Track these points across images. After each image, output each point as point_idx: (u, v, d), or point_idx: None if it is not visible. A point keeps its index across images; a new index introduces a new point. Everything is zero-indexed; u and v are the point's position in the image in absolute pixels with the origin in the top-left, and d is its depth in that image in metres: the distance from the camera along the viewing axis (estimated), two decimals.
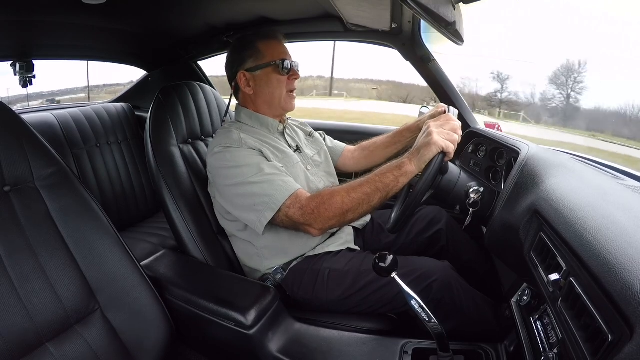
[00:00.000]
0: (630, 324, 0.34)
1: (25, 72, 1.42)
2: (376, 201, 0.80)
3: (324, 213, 0.80)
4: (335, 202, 0.80)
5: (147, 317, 0.76)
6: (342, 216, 0.81)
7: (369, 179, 0.81)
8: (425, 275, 0.81)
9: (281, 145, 1.00)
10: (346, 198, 0.80)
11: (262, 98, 1.00)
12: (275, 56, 0.97)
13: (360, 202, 0.80)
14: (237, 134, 0.92)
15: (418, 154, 0.79)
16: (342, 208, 0.80)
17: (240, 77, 0.99)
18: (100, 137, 1.59)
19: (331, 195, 0.81)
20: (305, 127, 1.20)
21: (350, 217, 0.81)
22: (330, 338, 0.79)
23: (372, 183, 0.80)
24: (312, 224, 0.82)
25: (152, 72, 1.84)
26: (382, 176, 0.80)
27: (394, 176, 0.80)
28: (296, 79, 1.01)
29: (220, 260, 0.99)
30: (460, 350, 0.71)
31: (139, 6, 1.12)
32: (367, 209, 0.81)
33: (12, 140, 0.70)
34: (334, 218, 0.81)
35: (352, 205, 0.80)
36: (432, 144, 0.76)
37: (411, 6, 0.51)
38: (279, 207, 0.83)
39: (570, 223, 0.51)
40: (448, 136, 0.77)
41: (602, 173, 0.85)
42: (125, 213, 1.61)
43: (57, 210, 0.71)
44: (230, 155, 0.89)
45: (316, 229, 0.83)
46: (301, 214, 0.82)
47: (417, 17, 1.05)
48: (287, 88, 1.00)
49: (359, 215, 0.82)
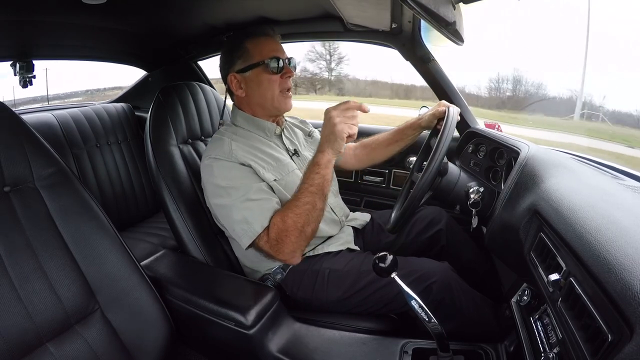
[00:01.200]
0: (630, 324, 0.34)
1: (25, 72, 1.42)
2: (319, 203, 0.82)
3: (285, 239, 0.82)
4: (289, 224, 0.81)
5: (147, 317, 0.76)
6: (301, 233, 0.82)
7: (301, 188, 0.83)
8: (425, 276, 0.81)
9: (277, 152, 0.98)
10: (295, 216, 0.81)
11: (255, 100, 0.97)
12: (265, 54, 0.93)
13: (308, 212, 0.81)
14: (228, 144, 0.91)
15: (327, 142, 0.81)
16: (297, 226, 0.81)
17: (231, 80, 0.97)
18: (100, 137, 1.59)
19: (283, 220, 0.82)
20: (305, 125, 1.18)
21: (310, 230, 0.83)
22: (330, 338, 0.79)
23: (305, 190, 0.82)
24: (279, 253, 0.84)
25: (152, 72, 1.84)
26: (310, 179, 0.82)
27: (317, 174, 0.82)
28: (290, 77, 0.97)
29: (220, 260, 0.99)
30: (460, 350, 0.71)
31: (139, 6, 1.11)
32: (318, 214, 0.83)
33: (12, 140, 0.70)
34: (297, 239, 0.82)
35: (303, 219, 0.81)
36: (337, 131, 0.78)
37: (411, 6, 0.51)
38: (255, 237, 0.84)
39: (570, 223, 0.50)
40: (350, 120, 0.79)
41: (602, 173, 0.84)
42: (125, 213, 1.61)
43: (57, 211, 0.71)
44: (219, 170, 0.88)
45: (286, 257, 0.84)
46: (269, 246, 0.84)
47: (417, 17, 1.05)
48: (280, 87, 0.96)
49: (316, 224, 0.84)
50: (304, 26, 1.29)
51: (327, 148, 0.81)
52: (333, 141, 0.80)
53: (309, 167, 0.84)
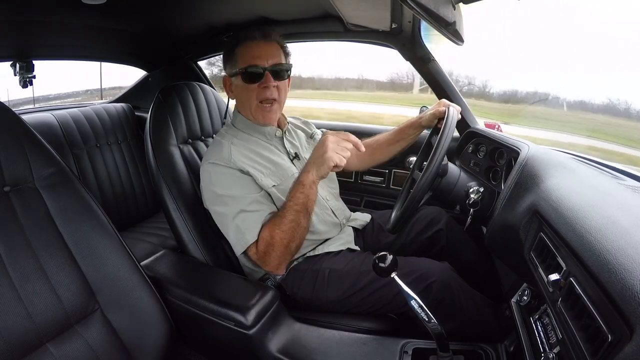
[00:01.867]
0: (630, 324, 0.34)
1: (25, 72, 1.42)
2: (303, 221, 0.84)
3: (272, 253, 0.84)
4: (276, 241, 0.83)
5: (147, 317, 0.76)
6: (286, 249, 0.84)
7: (285, 206, 0.85)
8: (425, 276, 0.81)
9: (276, 156, 0.98)
10: (280, 233, 0.83)
11: (241, 106, 0.99)
12: (246, 61, 0.91)
13: (293, 229, 0.83)
14: (227, 149, 0.91)
15: (314, 164, 0.82)
16: (282, 243, 0.83)
17: (225, 82, 0.99)
18: (100, 137, 1.59)
19: (271, 236, 0.84)
20: (308, 127, 1.18)
21: (294, 246, 0.85)
22: (330, 338, 0.79)
23: (290, 209, 0.83)
24: (266, 265, 0.87)
25: (152, 72, 1.84)
26: (294, 198, 0.83)
27: (301, 193, 0.83)
28: (266, 87, 0.91)
29: (220, 260, 0.99)
30: (460, 350, 0.71)
31: (139, 6, 1.11)
32: (303, 231, 0.85)
33: (12, 140, 0.70)
34: (281, 255, 0.84)
35: (288, 236, 0.83)
36: (326, 158, 0.78)
37: (411, 6, 0.51)
38: (247, 247, 0.86)
39: (570, 223, 0.50)
40: (341, 151, 0.79)
41: (602, 173, 0.84)
42: (125, 213, 1.61)
43: (57, 211, 0.71)
44: (216, 177, 0.89)
45: (273, 269, 0.87)
46: (257, 258, 0.87)
47: (417, 17, 1.05)
48: (258, 98, 0.93)
49: (300, 240, 0.86)
50: (303, 26, 1.29)
51: (312, 169, 0.82)
52: (319, 165, 0.81)
53: (294, 184, 0.85)
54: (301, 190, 0.83)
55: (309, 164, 0.84)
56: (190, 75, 1.75)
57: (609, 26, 3.19)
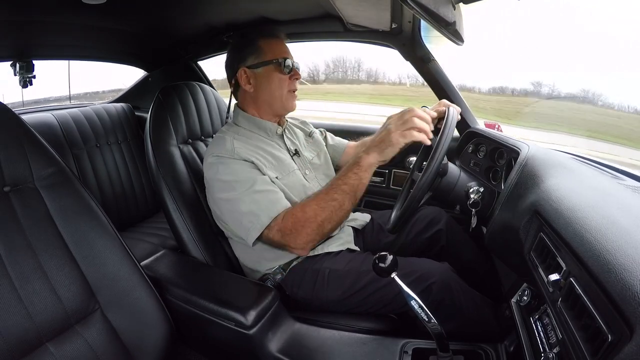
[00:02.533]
0: (630, 324, 0.34)
1: (25, 72, 1.42)
2: (347, 204, 0.80)
3: (301, 230, 0.80)
4: (309, 217, 0.80)
5: (147, 317, 0.76)
6: (319, 228, 0.81)
7: (333, 184, 0.81)
8: (425, 277, 0.81)
9: (278, 151, 0.99)
10: (318, 209, 0.80)
11: (263, 97, 0.99)
12: (277, 54, 0.96)
13: (333, 210, 0.80)
14: (230, 143, 0.91)
15: (378, 146, 0.79)
16: (316, 220, 0.80)
17: (241, 74, 0.98)
18: (100, 137, 1.59)
19: (303, 211, 0.81)
20: (306, 126, 1.19)
21: (329, 227, 0.82)
22: (330, 338, 0.79)
23: (338, 187, 0.80)
24: (292, 243, 0.83)
25: (152, 72, 1.84)
26: (345, 177, 0.80)
27: (355, 174, 0.79)
28: (297, 79, 1.00)
29: (220, 260, 0.99)
30: (460, 350, 0.71)
31: (139, 6, 1.11)
32: (342, 214, 0.81)
33: (12, 140, 0.70)
34: (312, 232, 0.81)
35: (326, 215, 0.80)
36: (392, 139, 0.76)
37: (411, 6, 0.51)
38: (263, 229, 0.84)
39: (570, 223, 0.50)
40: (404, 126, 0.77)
41: (602, 173, 0.84)
42: (125, 213, 1.61)
43: (57, 211, 0.71)
44: (223, 167, 0.88)
45: (299, 247, 0.83)
46: (281, 236, 0.83)
47: (417, 17, 1.05)
48: (288, 87, 0.99)
49: (337, 223, 0.82)
50: (303, 26, 1.29)
51: (373, 152, 0.79)
52: (383, 148, 0.78)
53: (349, 165, 0.81)
54: (355, 170, 0.79)
55: (370, 147, 0.80)
56: (190, 75, 1.75)
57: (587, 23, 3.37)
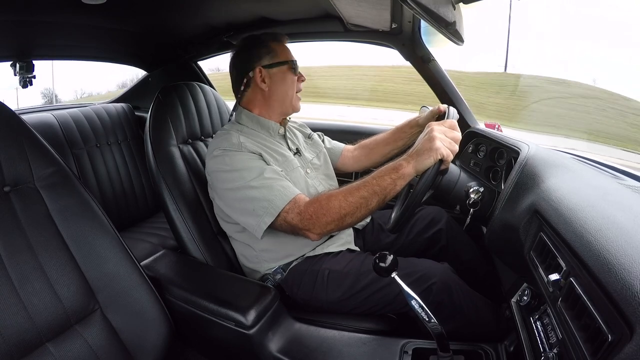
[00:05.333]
0: (630, 324, 0.34)
1: (25, 72, 1.42)
2: (374, 204, 0.79)
3: (322, 218, 0.80)
4: (333, 207, 0.79)
5: (147, 317, 0.76)
6: (340, 220, 0.80)
7: (366, 182, 0.80)
8: (425, 277, 0.81)
9: (281, 149, 0.99)
10: (344, 202, 0.79)
11: (276, 96, 0.99)
12: (288, 57, 1.00)
13: (358, 206, 0.79)
14: (236, 137, 0.91)
15: (417, 157, 0.76)
16: (339, 212, 0.79)
17: (257, 73, 0.97)
18: (100, 137, 1.59)
19: (328, 200, 0.80)
20: (305, 128, 1.19)
21: (349, 221, 0.81)
22: (330, 338, 0.79)
23: (370, 186, 0.79)
24: (310, 228, 0.81)
25: (152, 72, 1.84)
26: (380, 179, 0.78)
27: (391, 179, 0.78)
28: (303, 81, 1.03)
29: (220, 260, 0.99)
30: (460, 350, 0.71)
31: (139, 6, 1.11)
32: (365, 213, 0.80)
33: (12, 140, 0.70)
34: (332, 222, 0.80)
35: (350, 210, 0.79)
36: (433, 150, 0.73)
37: (411, 6, 0.51)
38: (278, 213, 0.82)
39: (570, 223, 0.50)
40: (450, 145, 0.74)
41: (602, 173, 0.84)
42: (125, 213, 1.61)
43: (57, 211, 0.71)
44: (230, 159, 0.88)
45: (315, 233, 0.82)
46: (299, 220, 0.81)
47: (417, 17, 1.05)
48: (297, 89, 1.02)
49: (358, 219, 0.81)
50: (304, 26, 1.29)
51: (412, 160, 0.76)
52: (425, 157, 0.74)
53: (387, 168, 0.79)
54: (393, 175, 0.77)
55: (411, 154, 0.77)
56: (190, 75, 1.75)
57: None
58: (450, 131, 0.76)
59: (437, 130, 0.75)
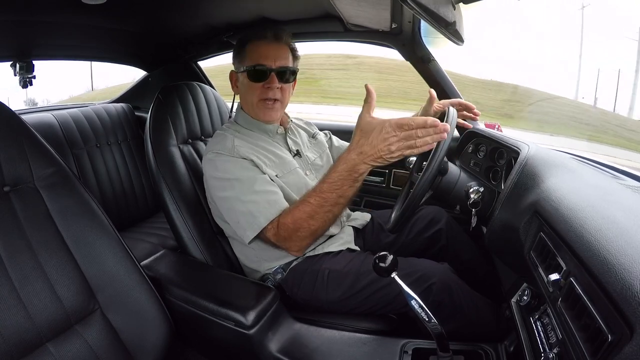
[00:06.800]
0: (630, 324, 0.34)
1: (25, 73, 1.42)
2: (339, 211, 0.83)
3: (294, 237, 0.84)
4: (301, 227, 0.82)
5: (147, 317, 0.76)
6: (312, 235, 0.85)
7: (325, 196, 0.78)
8: (425, 277, 0.81)
9: (279, 150, 0.98)
10: (310, 220, 0.81)
11: (244, 101, 1.00)
12: (253, 60, 0.92)
13: (324, 219, 0.82)
14: (231, 141, 0.91)
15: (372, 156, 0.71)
16: (309, 229, 0.82)
17: (232, 77, 1.01)
18: (100, 137, 1.59)
19: (295, 222, 0.82)
20: (310, 127, 1.18)
21: (321, 232, 0.86)
22: (330, 338, 0.78)
23: (332, 200, 0.78)
24: (287, 247, 0.87)
25: (152, 72, 1.84)
26: (339, 190, 0.76)
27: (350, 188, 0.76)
28: (269, 88, 0.93)
29: (220, 260, 0.99)
30: (460, 350, 0.71)
31: (139, 6, 1.11)
32: (334, 220, 0.84)
33: (12, 140, 0.70)
34: (305, 239, 0.84)
35: (318, 224, 0.82)
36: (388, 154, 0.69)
37: (411, 6, 0.51)
38: (260, 230, 0.85)
39: (570, 223, 0.50)
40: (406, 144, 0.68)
41: (602, 173, 0.84)
42: (125, 213, 1.61)
43: (57, 211, 0.71)
44: (221, 164, 0.88)
45: (293, 250, 0.88)
46: (276, 239, 0.86)
47: (417, 17, 1.05)
48: (259, 96, 0.94)
49: (329, 226, 0.86)
50: (304, 26, 1.29)
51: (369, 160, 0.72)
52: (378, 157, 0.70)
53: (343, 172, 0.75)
54: (351, 183, 0.75)
55: (365, 152, 0.71)
56: (190, 75, 1.75)
57: None
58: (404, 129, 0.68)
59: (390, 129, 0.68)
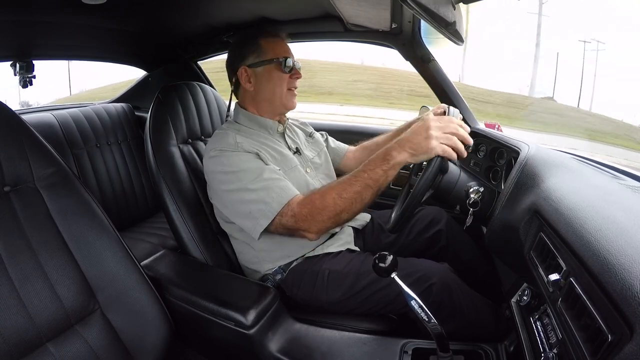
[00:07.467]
0: (630, 324, 0.34)
1: (25, 72, 1.42)
2: (368, 198, 0.79)
3: (317, 217, 0.79)
4: (327, 205, 0.79)
5: (147, 317, 0.76)
6: (336, 217, 0.80)
7: (357, 175, 0.79)
8: (425, 277, 0.81)
9: (280, 147, 0.99)
10: (338, 199, 0.78)
11: (263, 95, 0.99)
12: (278, 54, 0.97)
13: (352, 201, 0.78)
14: (233, 137, 0.91)
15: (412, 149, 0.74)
16: (335, 210, 0.78)
17: (242, 73, 0.98)
18: (100, 137, 1.59)
19: (322, 198, 0.79)
20: (306, 127, 1.19)
21: (345, 217, 0.81)
22: (330, 338, 0.78)
23: (362, 180, 0.78)
24: (307, 229, 0.81)
25: (152, 72, 1.84)
26: (371, 172, 0.77)
27: (382, 170, 0.77)
28: (298, 78, 1.01)
29: (220, 260, 0.99)
30: (460, 350, 0.71)
31: (139, 6, 1.11)
32: (361, 207, 0.80)
33: (12, 140, 0.70)
34: (328, 220, 0.80)
35: (345, 206, 0.78)
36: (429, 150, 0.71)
37: (411, 6, 0.51)
38: (274, 216, 0.82)
39: (570, 223, 0.50)
40: (447, 140, 0.72)
41: (602, 173, 0.84)
42: (125, 213, 1.61)
43: (57, 211, 0.71)
44: (227, 159, 0.88)
45: (312, 232, 0.82)
46: (294, 221, 0.81)
47: (417, 17, 1.05)
48: (288, 86, 0.99)
49: (354, 214, 0.81)
50: (303, 26, 1.29)
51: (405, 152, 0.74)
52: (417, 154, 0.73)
53: (378, 157, 0.77)
54: (384, 167, 0.76)
55: (405, 144, 0.74)
56: (190, 75, 1.75)
57: None
58: (447, 127, 0.73)
59: (434, 126, 0.73)
